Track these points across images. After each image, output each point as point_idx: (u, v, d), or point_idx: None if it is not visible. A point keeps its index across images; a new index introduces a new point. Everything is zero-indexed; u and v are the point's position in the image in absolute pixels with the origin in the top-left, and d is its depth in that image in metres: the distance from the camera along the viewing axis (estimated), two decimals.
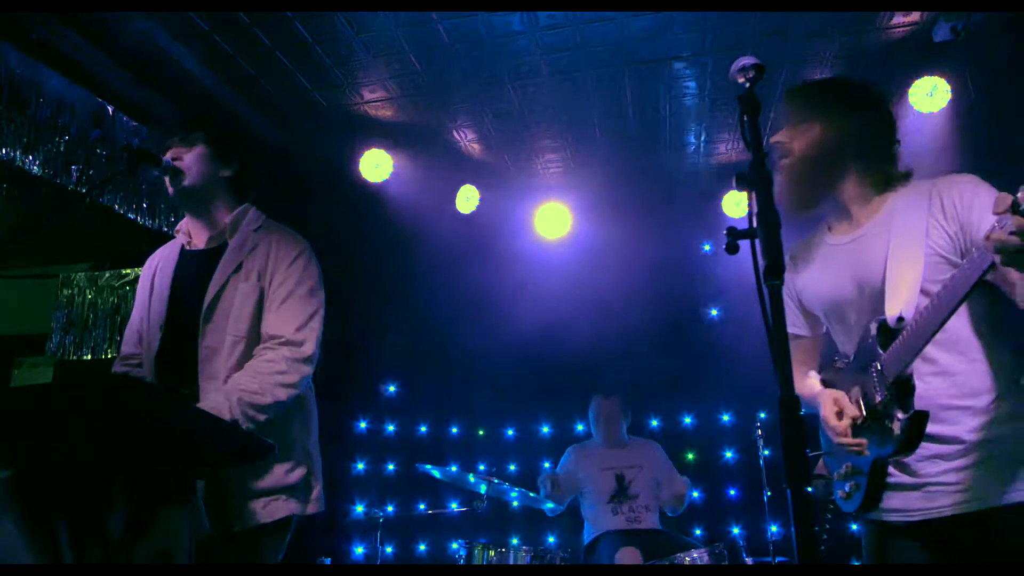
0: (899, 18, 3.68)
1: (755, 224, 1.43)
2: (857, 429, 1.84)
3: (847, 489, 1.92)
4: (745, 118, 1.54)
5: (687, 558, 3.54)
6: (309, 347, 2.20)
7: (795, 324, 2.14)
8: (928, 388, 1.74)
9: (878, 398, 1.78)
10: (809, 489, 1.29)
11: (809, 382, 2.06)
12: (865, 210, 1.97)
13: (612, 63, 4.01)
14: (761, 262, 1.40)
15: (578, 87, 4.24)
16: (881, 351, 1.78)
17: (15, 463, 1.64)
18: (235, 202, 2.43)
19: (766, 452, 4.05)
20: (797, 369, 2.12)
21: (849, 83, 2.11)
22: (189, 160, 2.33)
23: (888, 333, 1.78)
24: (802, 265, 2.10)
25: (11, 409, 1.59)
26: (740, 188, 1.47)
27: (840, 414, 1.86)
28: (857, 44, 3.88)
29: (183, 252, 2.43)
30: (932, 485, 1.76)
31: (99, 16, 3.49)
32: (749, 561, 3.72)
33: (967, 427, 1.74)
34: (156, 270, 2.44)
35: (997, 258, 1.46)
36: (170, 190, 2.35)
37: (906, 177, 1.97)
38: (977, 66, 4.01)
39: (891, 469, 1.83)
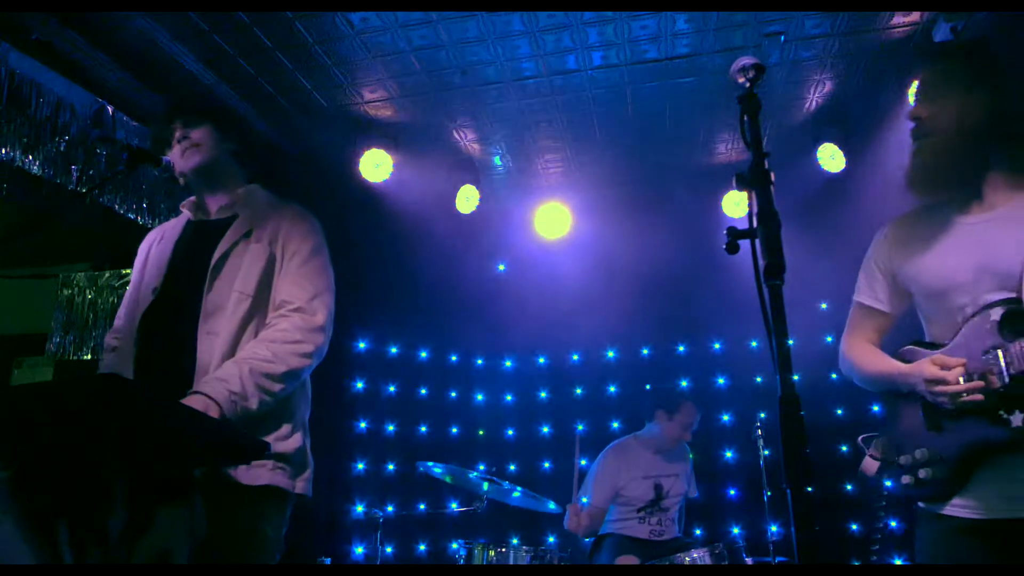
0: (899, 18, 3.68)
1: (755, 224, 1.43)
2: (957, 404, 1.73)
3: (921, 475, 1.80)
4: (745, 118, 1.54)
5: (687, 558, 3.54)
6: (321, 316, 2.16)
7: (879, 299, 2.02)
8: None
9: (996, 384, 1.68)
10: (809, 489, 1.29)
11: (887, 359, 1.93)
12: (1003, 194, 1.83)
13: (612, 63, 4.02)
14: (761, 262, 1.40)
15: (578, 87, 4.24)
16: (1003, 338, 1.69)
17: (15, 463, 1.64)
18: (243, 177, 2.46)
19: (766, 452, 4.05)
20: (864, 346, 2.04)
21: (997, 52, 1.89)
22: (198, 137, 2.35)
23: (1017, 322, 1.69)
24: (910, 240, 1.94)
25: (11, 409, 1.59)
26: (740, 188, 1.47)
27: (945, 368, 1.73)
28: (857, 44, 3.88)
29: (188, 224, 2.41)
30: None
31: (99, 16, 3.49)
32: (749, 561, 3.72)
33: None
34: (154, 242, 2.42)
35: None
36: (183, 168, 2.34)
37: None
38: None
39: (985, 463, 1.72)
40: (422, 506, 5.19)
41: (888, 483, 1.91)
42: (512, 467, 5.50)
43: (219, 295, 2.17)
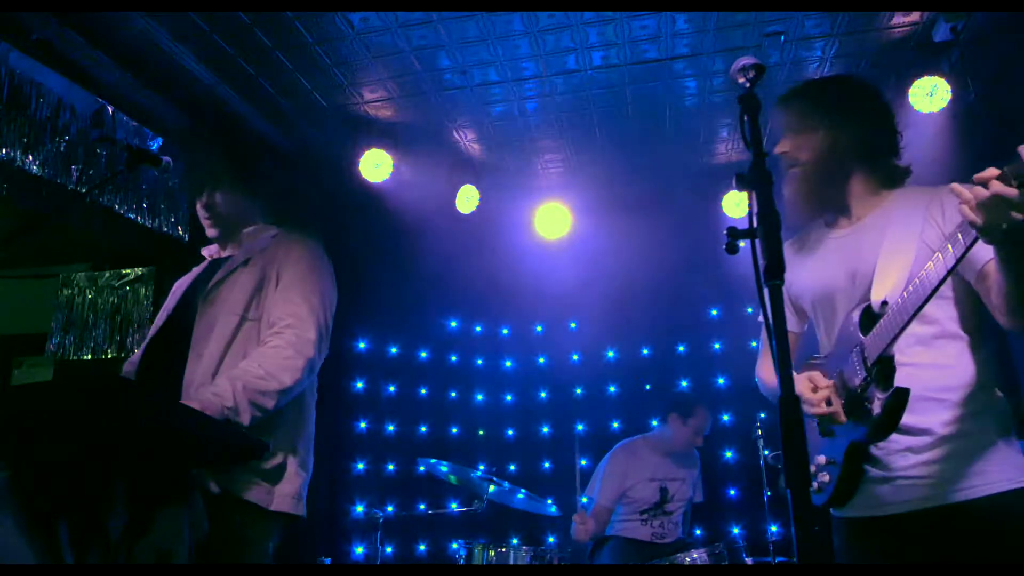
0: (899, 18, 3.68)
1: (755, 224, 1.43)
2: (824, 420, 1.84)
3: (819, 481, 1.91)
4: (745, 118, 1.54)
5: (687, 558, 3.54)
6: (313, 333, 2.20)
7: None
8: (906, 379, 1.73)
9: (857, 380, 1.77)
10: (809, 489, 1.29)
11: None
12: (866, 205, 1.98)
13: (612, 63, 4.02)
14: (761, 262, 1.40)
15: (578, 87, 4.24)
16: (862, 335, 1.79)
17: (15, 463, 1.64)
18: (264, 219, 2.55)
19: (766, 452, 4.05)
20: (770, 364, 2.16)
21: (844, 82, 2.11)
22: (218, 205, 2.45)
23: (871, 318, 1.79)
24: (796, 259, 2.10)
25: (11, 409, 1.59)
26: (740, 188, 1.47)
27: (815, 390, 1.85)
28: (857, 44, 3.88)
29: (208, 263, 2.54)
30: (902, 479, 1.77)
31: (99, 16, 3.49)
32: (749, 561, 3.72)
33: (940, 419, 1.75)
34: (182, 281, 2.55)
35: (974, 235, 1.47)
36: (208, 232, 2.49)
37: (907, 172, 1.98)
38: (977, 66, 4.00)
39: (867, 463, 1.82)
40: (422, 506, 5.19)
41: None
42: (512, 467, 5.50)
43: (210, 319, 2.25)
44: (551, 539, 5.08)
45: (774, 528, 3.93)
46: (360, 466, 5.28)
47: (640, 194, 5.46)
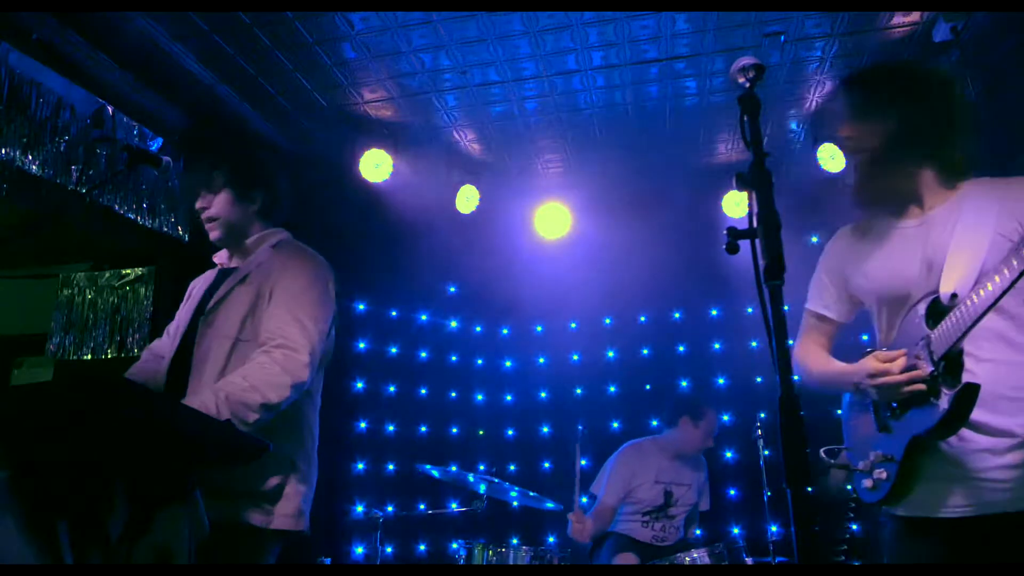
0: (899, 18, 3.68)
1: (755, 224, 1.43)
2: (896, 409, 1.78)
3: (875, 478, 1.85)
4: (745, 118, 1.54)
5: (687, 558, 3.54)
6: (305, 353, 2.15)
7: (828, 306, 2.09)
8: (986, 374, 1.68)
9: (924, 373, 1.72)
10: (808, 489, 1.29)
11: (835, 362, 2.00)
12: (938, 196, 1.91)
13: (612, 63, 4.02)
14: (761, 262, 1.40)
15: (578, 87, 4.24)
16: (929, 329, 1.74)
17: (15, 463, 1.64)
18: (267, 227, 2.52)
19: (766, 452, 4.05)
20: (816, 351, 2.11)
21: (917, 69, 2.02)
22: (217, 208, 2.42)
23: (940, 311, 1.74)
24: (859, 249, 2.02)
25: (11, 409, 1.59)
26: (740, 188, 1.47)
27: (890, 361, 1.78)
28: (857, 44, 3.88)
29: (218, 272, 2.53)
30: (978, 481, 1.70)
31: (99, 16, 3.49)
32: (749, 561, 3.72)
33: (1021, 420, 1.68)
34: (196, 284, 2.55)
35: None
36: (210, 236, 2.47)
37: (977, 162, 1.91)
38: (977, 66, 4.00)
39: (932, 461, 1.76)
40: (422, 506, 5.19)
41: (849, 490, 1.98)
42: (512, 467, 5.50)
43: (207, 343, 2.26)
44: (551, 539, 5.08)
45: (774, 528, 3.93)
46: (360, 466, 5.28)
47: (640, 194, 5.46)
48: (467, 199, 5.05)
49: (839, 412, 2.11)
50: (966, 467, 1.71)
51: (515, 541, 5.11)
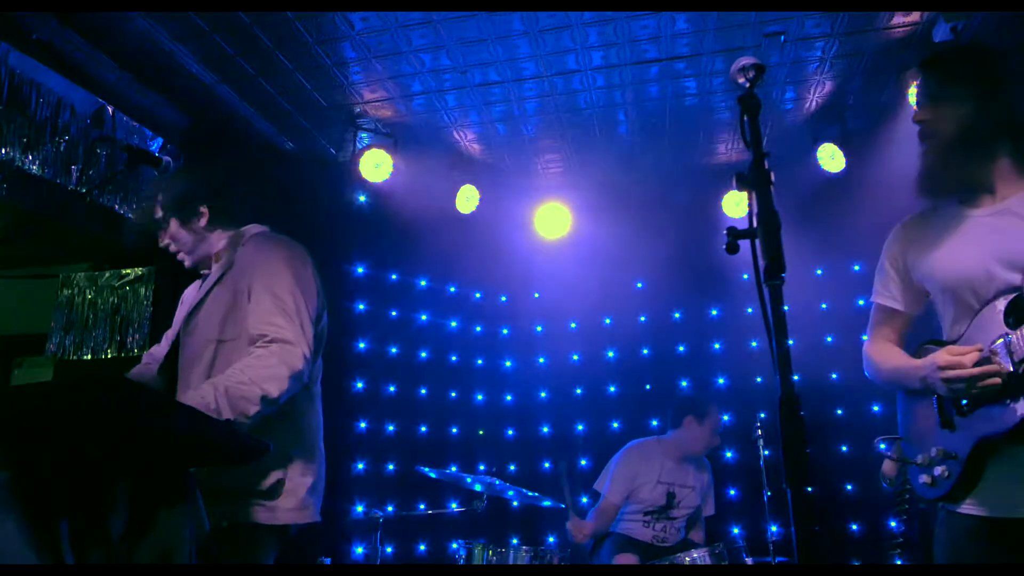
0: (899, 18, 3.68)
1: (755, 224, 1.43)
2: (964, 406, 1.74)
3: (937, 474, 1.80)
4: (745, 118, 1.54)
5: (687, 558, 3.54)
6: (300, 343, 2.15)
7: (894, 298, 2.03)
8: None
9: (1004, 371, 1.67)
10: (809, 489, 1.29)
11: (903, 355, 1.94)
12: (1012, 186, 1.84)
13: (612, 63, 4.02)
14: (761, 262, 1.39)
15: (578, 87, 4.24)
16: (1008, 328, 1.70)
17: (15, 463, 1.64)
18: (233, 227, 2.50)
19: (766, 452, 4.05)
20: (883, 344, 2.05)
21: (995, 53, 1.92)
22: (173, 239, 2.47)
23: (1021, 309, 1.69)
24: (923, 237, 1.95)
25: (11, 409, 1.59)
26: (740, 188, 1.47)
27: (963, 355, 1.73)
28: (857, 44, 3.88)
29: (202, 278, 2.54)
30: None
31: (99, 16, 3.49)
32: (749, 561, 3.72)
33: None
34: (188, 292, 2.58)
35: None
36: (187, 264, 2.52)
37: None
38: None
39: (1001, 459, 1.71)
40: (422, 506, 5.19)
41: (903, 487, 1.91)
42: (512, 467, 5.50)
43: (190, 349, 2.28)
44: (551, 539, 5.08)
45: (774, 528, 3.93)
46: (360, 466, 5.28)
47: (640, 194, 5.46)
48: (467, 199, 5.05)
49: (840, 412, 2.09)
50: None
51: (515, 541, 5.11)
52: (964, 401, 1.76)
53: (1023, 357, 1.64)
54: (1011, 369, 1.66)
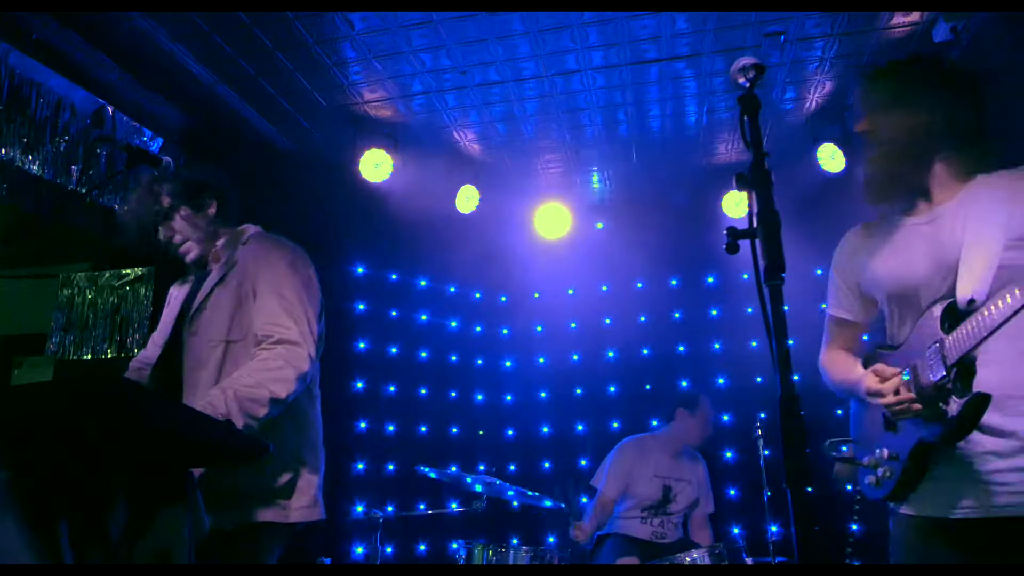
0: (899, 18, 3.68)
1: (755, 224, 1.43)
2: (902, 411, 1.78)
3: (879, 474, 1.84)
4: (745, 118, 1.54)
5: (687, 558, 3.54)
6: (305, 345, 2.18)
7: (846, 309, 2.07)
8: (993, 376, 1.66)
9: (932, 378, 1.71)
10: (808, 489, 1.29)
11: (850, 368, 1.98)
12: (947, 192, 1.88)
13: (612, 63, 4.02)
14: (761, 262, 1.40)
15: (578, 88, 4.24)
16: (943, 333, 1.72)
17: (15, 463, 1.64)
18: (231, 227, 2.50)
19: (766, 452, 4.05)
20: (839, 354, 2.09)
21: (934, 64, 1.99)
22: (181, 231, 2.42)
23: (955, 315, 1.72)
24: (869, 247, 2.00)
25: (11, 409, 1.59)
26: (740, 188, 1.47)
27: (882, 381, 1.79)
28: (857, 44, 3.88)
29: (196, 277, 2.52)
30: (985, 484, 1.69)
31: (99, 16, 3.49)
32: (749, 561, 3.72)
33: None
34: (174, 291, 2.55)
35: None
36: (188, 259, 2.47)
37: (994, 156, 1.89)
38: (977, 66, 4.00)
39: (938, 461, 1.75)
40: (422, 506, 5.19)
41: (853, 488, 1.96)
42: (512, 467, 5.50)
43: (196, 351, 2.26)
44: (551, 539, 5.08)
45: (774, 528, 3.93)
46: (360, 466, 5.28)
47: (640, 194, 5.47)
48: (467, 199, 5.05)
49: (840, 412, 2.11)
50: (973, 469, 1.70)
51: (515, 541, 5.11)
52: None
53: (954, 361, 1.68)
54: (943, 373, 1.69)
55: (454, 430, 5.64)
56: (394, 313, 5.62)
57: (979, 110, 1.90)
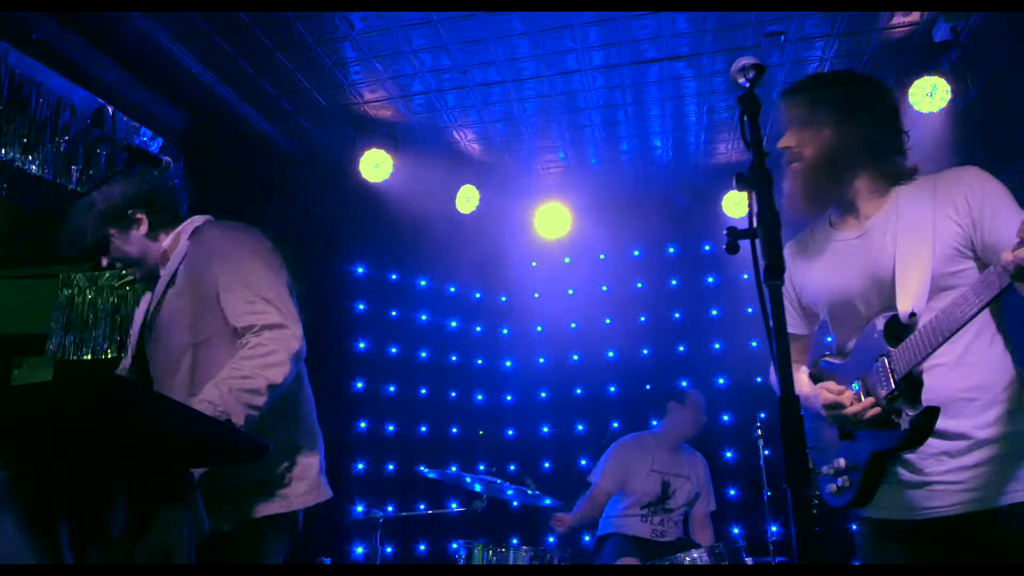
0: (899, 18, 3.68)
1: (755, 224, 1.43)
2: (858, 422, 1.82)
3: (839, 483, 1.89)
4: (745, 118, 1.54)
5: (687, 558, 3.54)
6: (292, 326, 2.12)
7: (791, 324, 2.10)
8: (935, 380, 1.70)
9: (884, 392, 1.74)
10: (808, 489, 1.29)
11: (804, 385, 2.02)
12: (872, 204, 1.93)
13: (612, 63, 4.02)
14: (761, 262, 1.39)
15: (578, 88, 4.24)
16: (889, 346, 1.76)
17: (15, 463, 1.64)
18: (170, 229, 2.41)
19: (766, 452, 4.05)
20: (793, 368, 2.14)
21: (849, 78, 2.06)
22: (120, 259, 2.34)
23: (898, 328, 1.75)
24: (804, 262, 2.05)
25: (11, 409, 1.59)
26: (740, 188, 1.47)
27: (840, 395, 1.83)
28: (857, 44, 3.88)
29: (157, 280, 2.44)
30: (937, 484, 1.73)
31: (99, 16, 3.49)
32: (749, 561, 3.72)
33: (975, 422, 1.71)
34: (149, 293, 2.46)
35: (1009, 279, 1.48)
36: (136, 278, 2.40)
37: (914, 170, 1.94)
38: (977, 66, 4.01)
39: (894, 466, 1.80)
40: (422, 506, 5.19)
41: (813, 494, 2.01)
42: (512, 467, 5.50)
43: (163, 358, 2.22)
44: (551, 539, 5.08)
45: (774, 528, 3.93)
46: (360, 466, 5.28)
47: (640, 194, 5.47)
48: (467, 199, 5.05)
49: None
50: (925, 471, 1.75)
51: (515, 541, 5.11)
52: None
53: (903, 375, 1.71)
54: (892, 388, 1.73)
55: (454, 430, 5.64)
56: (394, 313, 5.61)
57: (896, 125, 1.96)
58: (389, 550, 4.95)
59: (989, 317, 1.78)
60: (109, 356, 4.63)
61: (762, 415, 4.17)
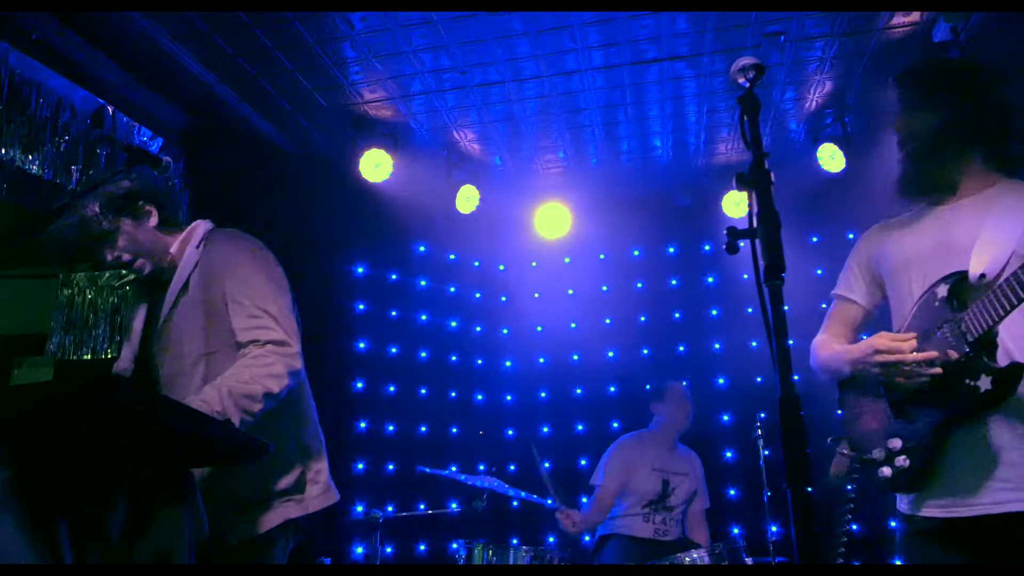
0: (899, 18, 3.68)
1: (755, 224, 1.43)
2: (916, 394, 1.77)
3: (898, 464, 1.81)
4: (745, 118, 1.54)
5: (687, 558, 3.54)
6: (292, 342, 2.16)
7: (852, 288, 2.12)
8: (1012, 342, 1.67)
9: (955, 355, 1.70)
10: (808, 489, 1.29)
11: (841, 344, 2.00)
12: (973, 187, 1.95)
13: (612, 63, 4.02)
14: (761, 262, 1.40)
15: (578, 88, 4.24)
16: (954, 311, 1.74)
17: (15, 463, 1.64)
18: (178, 230, 2.42)
19: (766, 452, 4.05)
20: (827, 338, 2.12)
21: (966, 66, 2.09)
22: (127, 244, 2.32)
23: (965, 292, 1.74)
24: (888, 230, 2.08)
25: (11, 409, 1.59)
26: (740, 188, 1.47)
27: (901, 341, 1.78)
28: (857, 44, 3.88)
29: (157, 284, 2.43)
30: (998, 479, 1.67)
31: (99, 16, 3.49)
32: (749, 561, 3.72)
33: None
34: (140, 311, 2.47)
35: None
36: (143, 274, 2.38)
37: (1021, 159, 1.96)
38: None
39: (965, 448, 1.72)
40: (422, 506, 5.19)
41: (849, 486, 1.97)
42: (512, 467, 5.50)
43: (173, 364, 2.23)
44: (551, 539, 5.08)
45: (774, 528, 3.93)
46: (360, 466, 5.28)
47: (640, 194, 5.47)
48: (467, 199, 5.05)
49: (839, 412, 2.08)
50: (988, 459, 1.68)
51: (515, 541, 5.11)
52: (913, 389, 1.79)
53: (976, 337, 1.68)
54: (967, 350, 1.69)
55: (454, 430, 5.63)
56: (394, 313, 5.61)
57: (1008, 112, 1.97)
58: (389, 550, 4.95)
59: None
60: (109, 356, 4.62)
61: (762, 415, 4.17)
